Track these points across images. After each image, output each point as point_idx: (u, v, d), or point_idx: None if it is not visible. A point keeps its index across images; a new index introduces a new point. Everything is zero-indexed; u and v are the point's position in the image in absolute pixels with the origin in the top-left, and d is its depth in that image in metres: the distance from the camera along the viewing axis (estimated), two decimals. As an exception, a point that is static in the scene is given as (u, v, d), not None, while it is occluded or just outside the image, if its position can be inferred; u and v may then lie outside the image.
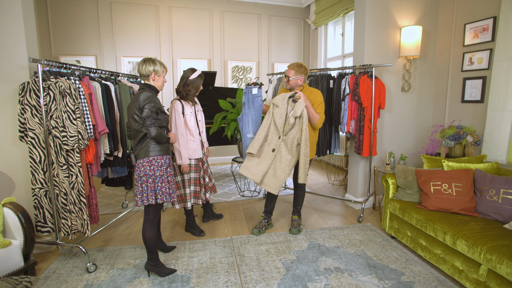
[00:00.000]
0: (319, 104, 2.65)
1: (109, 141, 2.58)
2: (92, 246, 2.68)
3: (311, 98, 2.66)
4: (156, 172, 1.99)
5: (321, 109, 2.66)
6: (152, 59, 2.04)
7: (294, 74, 2.64)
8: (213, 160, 6.03)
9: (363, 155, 3.21)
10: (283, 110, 2.57)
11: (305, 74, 2.67)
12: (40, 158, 2.22)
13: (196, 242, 2.73)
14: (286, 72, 2.68)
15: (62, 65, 2.27)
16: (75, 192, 2.24)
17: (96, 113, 2.36)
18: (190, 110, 2.60)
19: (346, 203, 3.71)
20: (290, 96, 2.58)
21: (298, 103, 2.50)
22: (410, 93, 3.59)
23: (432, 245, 2.27)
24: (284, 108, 2.57)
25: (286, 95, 2.60)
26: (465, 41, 3.25)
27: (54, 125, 2.16)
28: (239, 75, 5.93)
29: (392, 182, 2.78)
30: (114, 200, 3.86)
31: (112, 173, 2.82)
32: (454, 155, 3.03)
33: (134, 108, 1.94)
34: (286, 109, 2.57)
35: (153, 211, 2.08)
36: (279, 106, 2.58)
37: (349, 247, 2.62)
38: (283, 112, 2.57)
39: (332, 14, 5.28)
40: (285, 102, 2.57)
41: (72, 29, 4.93)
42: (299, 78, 2.65)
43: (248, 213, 3.46)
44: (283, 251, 2.57)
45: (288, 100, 2.58)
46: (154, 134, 1.92)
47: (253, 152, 2.62)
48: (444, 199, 2.37)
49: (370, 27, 3.31)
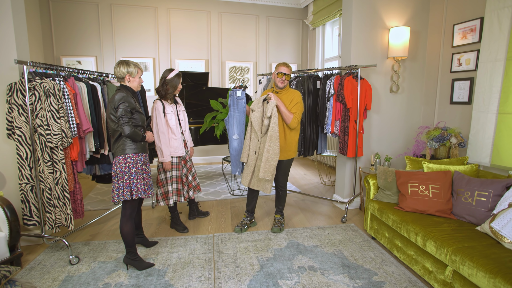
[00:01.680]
0: (295, 103, 2.69)
1: (95, 139, 2.68)
2: (79, 240, 2.79)
3: (289, 98, 2.72)
4: (131, 169, 2.07)
5: (298, 109, 2.69)
6: (126, 62, 2.12)
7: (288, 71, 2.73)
8: (205, 159, 6.11)
9: (347, 155, 3.23)
10: (259, 113, 2.66)
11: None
12: (26, 155, 2.33)
13: (179, 238, 2.81)
14: (286, 71, 2.70)
15: (48, 67, 2.38)
16: (59, 188, 2.35)
17: (80, 112, 2.46)
18: (171, 109, 2.67)
19: (334, 204, 3.73)
20: (264, 99, 2.66)
21: (269, 103, 2.56)
22: (399, 94, 3.58)
23: (406, 246, 2.28)
24: (260, 111, 2.66)
25: (261, 99, 2.68)
26: (454, 41, 3.22)
27: (39, 124, 2.27)
28: (236, 75, 5.99)
29: (373, 183, 2.79)
30: (107, 197, 3.99)
31: (100, 170, 2.93)
32: (439, 156, 3.01)
33: (110, 109, 2.02)
34: (262, 112, 2.66)
35: (130, 207, 2.16)
36: (255, 110, 2.67)
37: (327, 247, 2.65)
38: (259, 116, 2.66)
39: (329, 14, 5.28)
40: (260, 105, 2.66)
41: (73, 30, 5.09)
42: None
43: (234, 211, 3.52)
44: (261, 249, 2.62)
45: (263, 103, 2.67)
46: (128, 132, 2.00)
47: (244, 161, 2.77)
48: (421, 200, 2.38)
49: (357, 27, 3.32)
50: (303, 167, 5.66)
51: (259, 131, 2.64)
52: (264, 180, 2.73)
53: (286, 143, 2.77)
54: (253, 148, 2.72)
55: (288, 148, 2.78)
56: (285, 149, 2.77)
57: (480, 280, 1.60)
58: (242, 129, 2.97)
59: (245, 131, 2.95)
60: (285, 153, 2.78)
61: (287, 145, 2.77)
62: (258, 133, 2.65)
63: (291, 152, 2.81)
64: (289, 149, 2.78)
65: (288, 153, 2.80)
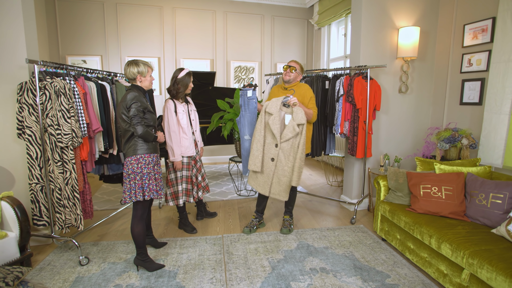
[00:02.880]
0: (310, 98, 2.72)
1: (104, 139, 2.66)
2: (88, 240, 2.78)
3: (302, 94, 2.73)
4: (143, 169, 2.05)
5: (313, 103, 2.75)
6: (135, 62, 2.10)
7: (299, 70, 2.79)
8: (212, 159, 6.10)
9: (357, 156, 3.21)
10: (277, 117, 2.58)
11: (301, 69, 2.81)
12: (36, 155, 2.32)
13: (188, 239, 2.79)
14: (293, 64, 2.76)
15: (58, 66, 2.37)
16: (69, 188, 2.33)
17: (90, 112, 2.45)
18: (182, 108, 2.66)
19: (342, 205, 3.71)
20: (283, 103, 2.61)
21: (296, 109, 2.54)
22: (408, 95, 3.56)
23: (419, 248, 2.26)
24: (278, 115, 2.59)
25: (278, 101, 2.60)
26: (464, 42, 3.20)
27: (49, 123, 2.25)
28: (241, 75, 5.97)
29: (384, 184, 2.77)
30: (114, 197, 3.97)
31: (108, 170, 2.91)
32: (450, 158, 2.99)
33: (122, 108, 2.01)
34: (281, 116, 2.61)
35: (141, 207, 2.14)
36: (273, 114, 2.58)
37: (338, 248, 2.63)
38: (277, 120, 2.58)
39: (335, 14, 5.26)
40: (278, 109, 2.59)
41: (78, 30, 5.08)
42: (299, 75, 2.80)
43: (242, 212, 3.50)
44: (272, 250, 2.60)
45: (281, 105, 2.61)
46: (141, 132, 1.98)
47: (257, 170, 2.66)
48: (433, 202, 2.35)
49: (366, 27, 3.29)
50: (309, 168, 5.64)
51: (279, 136, 2.58)
52: (285, 187, 2.66)
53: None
54: (270, 155, 2.65)
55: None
56: None
57: (500, 284, 1.58)
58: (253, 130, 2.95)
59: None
60: None
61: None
62: (278, 138, 2.58)
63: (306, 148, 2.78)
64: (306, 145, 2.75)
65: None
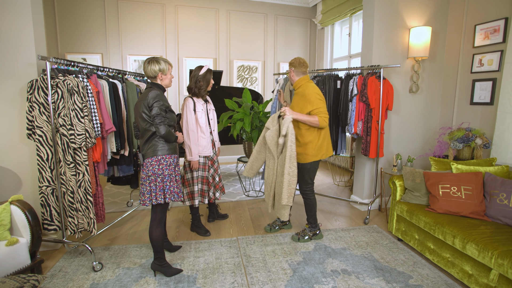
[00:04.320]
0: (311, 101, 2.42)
1: (116, 140, 2.57)
2: (97, 245, 2.68)
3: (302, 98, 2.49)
4: (165, 171, 1.98)
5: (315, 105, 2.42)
6: (156, 59, 2.02)
7: (289, 67, 2.65)
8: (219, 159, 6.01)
9: (370, 156, 3.19)
10: (274, 131, 2.47)
11: (294, 66, 2.56)
12: (47, 156, 2.22)
13: (202, 242, 2.73)
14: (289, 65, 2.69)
15: (70, 63, 2.27)
16: (81, 191, 2.24)
17: (103, 111, 2.36)
18: (201, 107, 2.61)
19: (352, 205, 3.69)
20: (279, 115, 2.51)
21: (285, 119, 2.37)
22: (418, 95, 3.56)
23: (440, 248, 2.25)
24: (275, 129, 2.47)
25: (276, 115, 2.52)
26: (475, 42, 3.21)
27: (61, 123, 2.15)
28: (244, 74, 5.91)
29: (400, 184, 2.76)
30: (119, 199, 3.87)
31: (118, 171, 2.82)
32: (463, 157, 2.99)
33: (142, 107, 1.93)
34: (277, 129, 2.48)
35: (161, 210, 2.07)
36: (270, 128, 2.47)
37: (356, 249, 2.60)
38: (274, 134, 2.46)
39: (339, 14, 5.24)
40: (275, 123, 2.49)
41: (78, 26, 4.94)
42: (291, 70, 2.59)
43: (253, 213, 3.44)
44: (289, 252, 2.56)
45: (278, 119, 2.50)
46: (164, 132, 1.91)
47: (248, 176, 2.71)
48: (453, 202, 2.35)
49: (378, 27, 3.28)
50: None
51: (275, 151, 2.46)
52: (283, 205, 2.47)
53: (300, 144, 2.54)
54: (270, 170, 2.54)
55: (301, 151, 2.54)
56: (299, 151, 2.54)
57: (536, 285, 1.57)
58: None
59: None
60: (299, 155, 2.56)
61: (301, 146, 2.54)
62: (274, 153, 2.46)
63: (306, 156, 2.55)
64: (303, 151, 2.54)
65: (303, 156, 2.55)
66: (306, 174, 2.63)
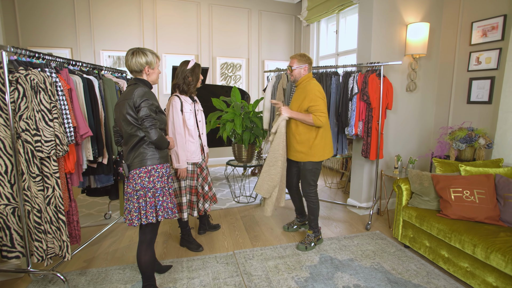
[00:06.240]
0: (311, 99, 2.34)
1: (93, 146, 2.19)
2: (71, 269, 2.29)
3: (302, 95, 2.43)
4: (156, 184, 1.66)
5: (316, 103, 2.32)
6: (142, 50, 1.70)
7: (297, 63, 2.47)
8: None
9: (370, 158, 3.03)
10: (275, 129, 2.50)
11: (308, 63, 2.48)
12: (5, 168, 1.81)
13: (195, 259, 2.42)
14: (289, 63, 2.52)
15: (35, 54, 1.87)
16: (51, 209, 1.85)
17: (77, 112, 1.98)
18: (189, 107, 2.29)
19: (349, 209, 3.52)
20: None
21: (279, 117, 2.38)
22: (414, 93, 3.46)
23: (457, 257, 2.11)
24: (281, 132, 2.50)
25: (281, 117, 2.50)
26: (472, 40, 3.14)
27: (24, 128, 1.76)
28: (228, 72, 5.61)
29: (406, 188, 2.60)
30: (94, 210, 3.44)
31: (95, 182, 2.43)
32: (465, 158, 2.91)
33: (126, 107, 1.59)
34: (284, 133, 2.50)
35: (151, 231, 1.74)
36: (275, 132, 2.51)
37: (364, 260, 2.42)
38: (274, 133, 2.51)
39: (326, 10, 5.08)
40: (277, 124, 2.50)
41: (43, 16, 4.39)
42: (302, 67, 2.47)
43: (246, 221, 3.17)
44: (294, 267, 2.32)
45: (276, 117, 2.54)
46: (156, 137, 1.59)
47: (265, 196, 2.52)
48: (467, 207, 2.22)
49: (377, 22, 3.12)
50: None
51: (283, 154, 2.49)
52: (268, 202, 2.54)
53: (297, 141, 2.46)
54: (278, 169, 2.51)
55: (299, 148, 2.46)
56: (296, 148, 2.48)
57: None
58: None
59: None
60: (297, 153, 2.49)
61: (298, 144, 2.46)
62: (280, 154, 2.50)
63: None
64: (301, 149, 2.45)
65: (300, 154, 2.47)
66: (308, 175, 2.53)
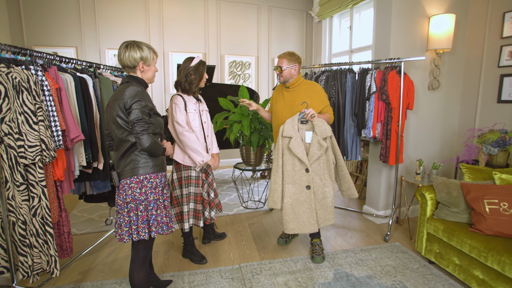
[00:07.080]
0: (324, 99, 2.31)
1: (86, 150, 2.02)
2: (65, 282, 2.12)
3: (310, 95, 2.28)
4: (149, 196, 1.46)
5: (327, 102, 2.34)
6: (136, 43, 1.51)
7: (287, 62, 2.25)
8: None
9: (389, 163, 2.77)
10: (298, 138, 2.16)
11: (298, 62, 2.30)
12: (-11, 175, 1.65)
13: (197, 273, 2.22)
14: (278, 63, 2.29)
15: (20, 50, 1.71)
16: (38, 220, 1.69)
17: (67, 114, 1.81)
18: (194, 107, 2.10)
19: (365, 217, 3.26)
20: (300, 121, 2.21)
21: (317, 121, 2.16)
22: (437, 92, 3.17)
23: (495, 280, 1.83)
24: (299, 136, 2.17)
25: (294, 121, 2.19)
26: (503, 32, 2.84)
27: (6, 131, 1.60)
28: (236, 71, 5.41)
29: (431, 197, 2.34)
30: (96, 215, 3.29)
31: (91, 188, 2.26)
32: (497, 164, 2.61)
33: (117, 109, 1.40)
34: (301, 135, 2.20)
35: (144, 248, 1.55)
36: (292, 136, 2.16)
37: (384, 278, 2.17)
38: (299, 141, 2.16)
39: (339, 5, 4.82)
40: (296, 129, 2.18)
41: (48, 16, 4.29)
42: (293, 67, 2.26)
43: (255, 230, 2.96)
44: (306, 284, 2.09)
45: (298, 124, 2.21)
46: (148, 144, 1.40)
47: (276, 207, 2.24)
48: (505, 221, 1.94)
49: (396, 16, 2.85)
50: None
51: (306, 159, 2.15)
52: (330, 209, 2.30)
53: None
54: (303, 183, 2.19)
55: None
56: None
57: None
58: None
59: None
60: None
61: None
62: (307, 162, 2.15)
63: None
64: None
65: None
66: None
